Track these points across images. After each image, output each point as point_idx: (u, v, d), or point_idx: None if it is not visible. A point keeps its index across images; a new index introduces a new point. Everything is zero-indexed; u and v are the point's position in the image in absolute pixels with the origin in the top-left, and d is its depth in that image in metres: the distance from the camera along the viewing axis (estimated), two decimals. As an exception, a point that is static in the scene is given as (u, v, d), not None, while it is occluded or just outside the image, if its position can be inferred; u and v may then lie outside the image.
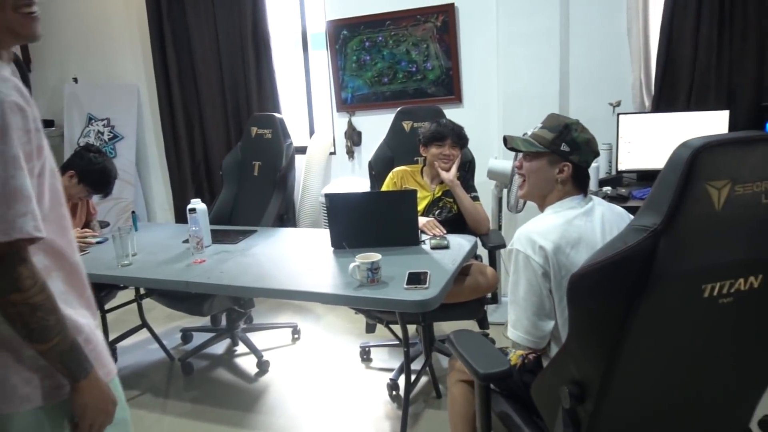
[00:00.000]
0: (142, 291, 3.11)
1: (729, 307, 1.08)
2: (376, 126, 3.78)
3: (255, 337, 3.28)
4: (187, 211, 2.57)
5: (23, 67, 4.34)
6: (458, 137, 2.78)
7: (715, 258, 1.03)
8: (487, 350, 1.49)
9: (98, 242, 2.85)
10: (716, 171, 0.97)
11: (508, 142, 1.70)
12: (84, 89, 4.53)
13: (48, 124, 4.56)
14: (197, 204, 2.59)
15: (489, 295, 2.64)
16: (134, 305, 3.19)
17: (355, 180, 3.79)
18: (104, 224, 3.32)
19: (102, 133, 4.46)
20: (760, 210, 1.02)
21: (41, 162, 1.11)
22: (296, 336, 3.41)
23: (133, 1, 4.26)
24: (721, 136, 0.98)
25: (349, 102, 3.87)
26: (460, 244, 2.47)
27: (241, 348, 3.28)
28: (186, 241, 2.74)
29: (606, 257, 1.04)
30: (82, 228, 2.98)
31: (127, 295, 3.19)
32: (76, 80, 4.56)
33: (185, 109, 4.23)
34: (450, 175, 2.73)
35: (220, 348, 3.34)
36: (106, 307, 3.07)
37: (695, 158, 0.95)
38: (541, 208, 1.65)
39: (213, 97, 4.11)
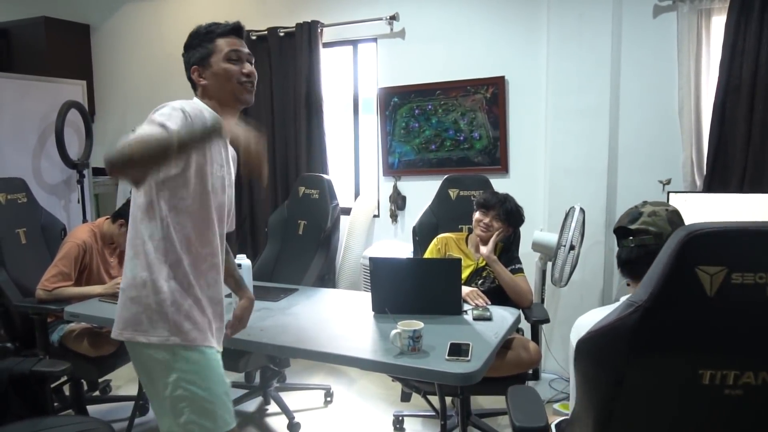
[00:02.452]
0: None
1: (737, 399, 1.06)
2: (421, 191, 3.82)
3: (287, 397, 3.23)
4: (233, 267, 2.59)
5: (87, 117, 4.55)
6: (506, 213, 2.77)
7: (710, 344, 1.04)
8: (533, 407, 1.49)
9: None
10: (710, 256, 0.98)
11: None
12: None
13: (103, 172, 4.74)
14: (243, 260, 2.62)
15: (530, 371, 2.56)
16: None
17: (397, 244, 3.80)
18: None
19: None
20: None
21: (196, 168, 1.58)
22: (329, 399, 3.35)
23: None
24: (728, 223, 1.00)
25: (395, 167, 3.93)
26: (503, 316, 2.42)
27: (272, 407, 3.23)
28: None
29: (601, 326, 1.10)
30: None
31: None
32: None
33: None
34: (486, 250, 2.73)
35: (251, 405, 3.30)
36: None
37: (688, 241, 0.98)
38: None
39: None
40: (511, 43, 3.59)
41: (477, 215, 2.80)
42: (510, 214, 2.78)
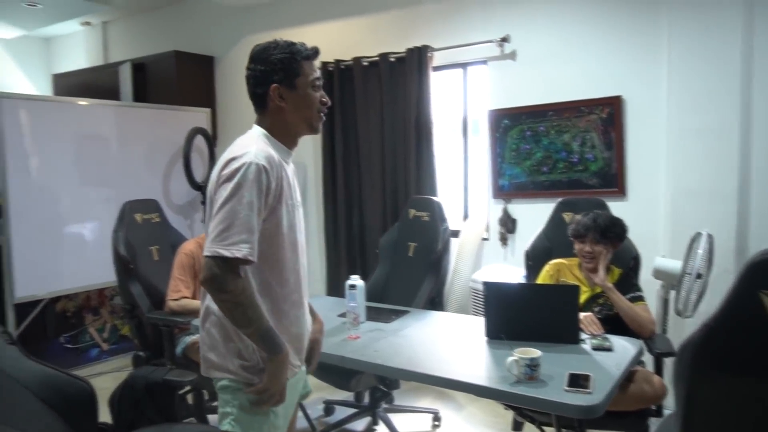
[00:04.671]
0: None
1: None
2: (532, 214, 3.74)
3: (395, 419, 3.25)
4: (347, 287, 2.66)
5: (211, 142, 4.87)
6: (600, 233, 2.64)
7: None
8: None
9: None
10: None
11: None
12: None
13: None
14: (357, 281, 2.68)
15: (653, 407, 2.42)
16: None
17: (507, 268, 3.73)
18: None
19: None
20: None
21: (269, 213, 1.55)
22: (437, 423, 3.33)
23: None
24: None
25: (505, 189, 3.88)
26: (625, 347, 2.31)
27: (381, 428, 3.26)
28: (342, 315, 2.83)
29: (681, 343, 1.17)
30: None
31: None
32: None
33: (346, 188, 4.48)
34: (598, 278, 2.61)
35: (360, 425, 3.34)
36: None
37: (753, 265, 1.01)
38: None
39: (373, 178, 4.32)
40: (628, 60, 3.45)
41: (576, 246, 2.71)
42: (605, 232, 2.65)
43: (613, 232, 2.67)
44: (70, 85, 5.90)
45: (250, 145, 1.56)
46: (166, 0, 5.45)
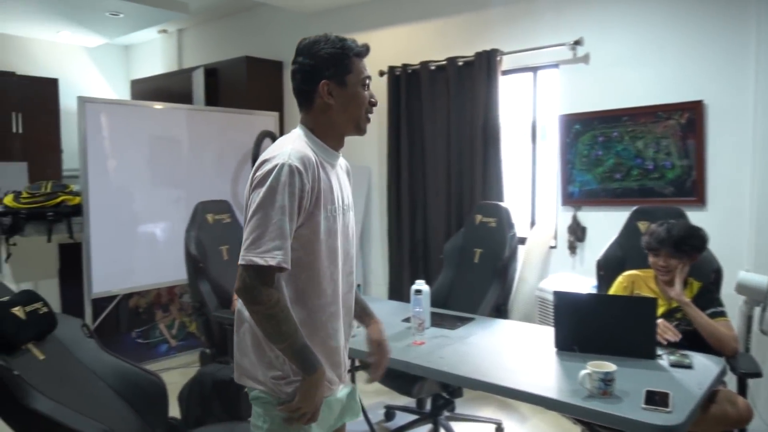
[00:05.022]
0: (356, 362, 3.23)
1: None
2: (603, 223, 3.62)
3: (456, 427, 3.19)
4: (412, 291, 2.64)
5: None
6: (675, 246, 2.49)
7: None
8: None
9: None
10: None
11: None
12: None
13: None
14: (422, 286, 2.65)
15: (737, 431, 2.27)
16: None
17: (575, 277, 3.61)
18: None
19: (334, 209, 4.87)
20: None
21: (306, 218, 1.46)
22: (500, 434, 3.26)
23: (376, 93, 4.67)
24: None
25: (575, 196, 3.76)
26: (706, 365, 2.18)
27: (442, 436, 3.21)
28: (406, 320, 2.81)
29: None
30: None
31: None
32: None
33: (411, 192, 4.46)
34: (674, 293, 2.48)
35: (421, 432, 3.31)
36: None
37: None
38: None
39: (438, 182, 4.29)
40: (711, 63, 3.28)
41: (650, 259, 2.58)
42: (681, 245, 2.49)
43: (689, 244, 2.53)
44: (147, 90, 6.15)
45: (286, 145, 1.47)
46: (238, 7, 5.61)
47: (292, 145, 1.46)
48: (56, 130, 5.75)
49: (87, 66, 6.75)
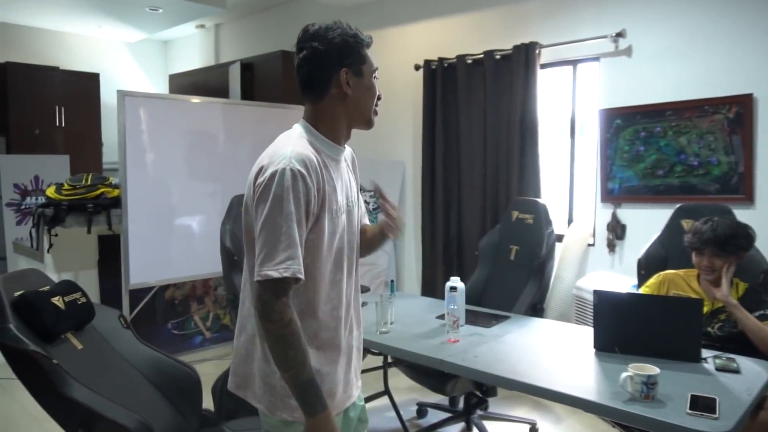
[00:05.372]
0: (389, 359, 3.21)
1: None
2: (644, 221, 3.52)
3: (489, 426, 3.14)
4: (447, 288, 2.60)
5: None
6: (720, 246, 2.39)
7: None
8: None
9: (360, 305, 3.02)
10: None
11: None
12: (358, 163, 5.02)
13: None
14: (457, 282, 2.60)
15: (786, 438, 2.18)
16: (380, 371, 3.30)
17: (615, 276, 3.52)
18: (365, 289, 3.54)
19: (368, 203, 4.85)
20: None
21: (314, 222, 1.37)
22: (534, 434, 3.20)
23: (411, 88, 4.64)
24: None
25: (615, 193, 3.66)
26: (755, 370, 2.09)
27: (475, 435, 3.17)
28: (440, 317, 2.77)
29: None
30: None
31: (374, 359, 3.32)
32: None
33: (445, 188, 4.41)
34: (720, 293, 2.38)
35: (453, 430, 3.27)
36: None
37: None
38: None
39: (473, 178, 4.23)
40: (761, 56, 3.15)
41: (694, 259, 2.49)
42: (726, 244, 2.39)
43: (735, 244, 2.42)
44: (185, 84, 6.23)
45: (286, 146, 1.37)
46: (274, 2, 5.63)
47: (293, 147, 1.36)
48: (97, 123, 5.88)
49: (127, 61, 6.88)
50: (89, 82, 5.88)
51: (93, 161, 5.74)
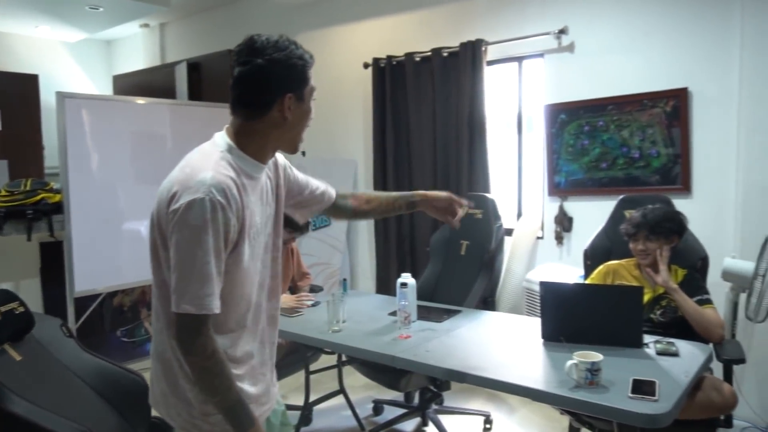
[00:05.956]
0: (343, 357, 3.21)
1: None
2: (589, 213, 3.61)
3: (445, 420, 3.18)
4: (398, 285, 2.61)
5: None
6: (650, 229, 2.51)
7: None
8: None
9: (312, 305, 3.02)
10: None
11: None
12: (310, 162, 4.98)
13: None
14: (408, 279, 2.62)
15: (722, 417, 2.28)
16: (335, 370, 3.30)
17: (563, 267, 3.60)
18: (318, 288, 3.52)
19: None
20: None
21: (231, 250, 1.33)
22: (488, 426, 3.24)
23: (361, 86, 4.64)
24: None
25: (561, 186, 3.75)
26: (693, 353, 2.17)
27: (430, 429, 3.19)
28: (392, 313, 2.78)
29: None
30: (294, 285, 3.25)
31: (328, 358, 3.31)
32: (304, 154, 5.05)
33: (397, 185, 4.43)
34: (660, 278, 2.48)
35: (409, 426, 3.29)
36: (311, 368, 3.19)
37: None
38: None
39: (424, 174, 4.26)
40: (696, 51, 3.27)
41: (630, 245, 2.60)
42: (656, 227, 2.51)
43: (665, 226, 2.53)
44: (130, 85, 6.07)
45: (204, 170, 1.29)
46: (221, 0, 5.53)
47: (213, 173, 1.28)
48: (37, 126, 5.66)
49: (68, 61, 6.65)
50: (27, 83, 5.64)
51: (34, 166, 5.52)
